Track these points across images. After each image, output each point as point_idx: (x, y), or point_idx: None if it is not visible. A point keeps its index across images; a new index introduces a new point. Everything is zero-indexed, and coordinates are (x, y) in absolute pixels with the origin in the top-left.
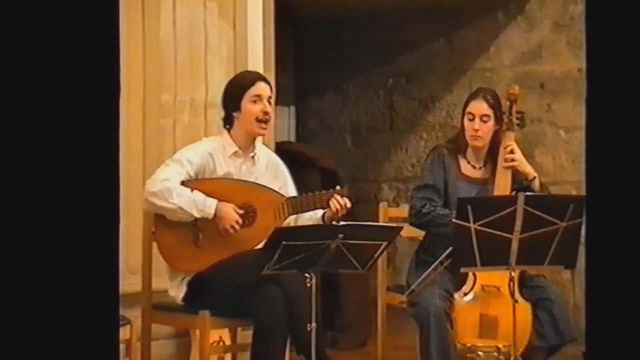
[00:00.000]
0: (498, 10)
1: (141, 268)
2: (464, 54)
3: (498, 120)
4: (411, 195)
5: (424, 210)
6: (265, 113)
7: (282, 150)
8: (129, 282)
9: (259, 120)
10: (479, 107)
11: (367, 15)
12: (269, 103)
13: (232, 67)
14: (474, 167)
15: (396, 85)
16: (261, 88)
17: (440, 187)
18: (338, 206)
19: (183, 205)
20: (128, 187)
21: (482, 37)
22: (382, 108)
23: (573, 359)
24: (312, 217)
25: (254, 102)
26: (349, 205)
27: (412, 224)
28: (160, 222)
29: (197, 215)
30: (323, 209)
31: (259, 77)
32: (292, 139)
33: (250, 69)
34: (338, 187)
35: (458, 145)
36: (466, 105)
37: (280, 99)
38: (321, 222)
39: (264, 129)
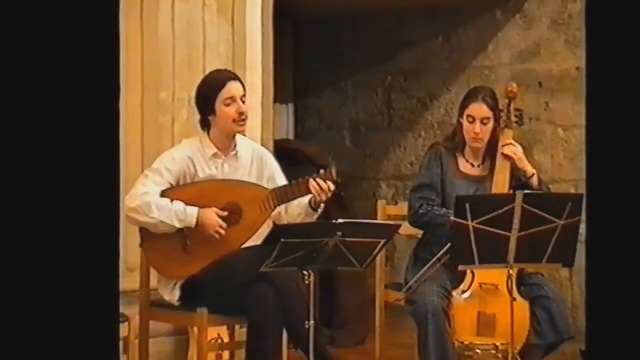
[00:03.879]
0: (496, 8)
1: (139, 266)
2: (463, 52)
3: (497, 119)
4: (409, 195)
5: (421, 211)
6: (241, 113)
7: (280, 148)
8: (127, 279)
9: (235, 121)
10: (480, 110)
11: (365, 13)
12: (243, 102)
13: (231, 64)
14: (472, 164)
15: (395, 83)
16: (232, 89)
17: (437, 185)
18: (318, 188)
19: (163, 218)
20: (126, 184)
21: (481, 36)
22: (380, 106)
23: (571, 356)
24: (300, 202)
25: (228, 104)
26: (331, 187)
27: (410, 224)
28: (147, 234)
29: (178, 225)
30: (308, 194)
31: (229, 77)
32: (291, 136)
33: (248, 67)
34: (322, 171)
35: (455, 143)
36: (465, 107)
37: (279, 97)
38: (308, 208)
39: (242, 125)
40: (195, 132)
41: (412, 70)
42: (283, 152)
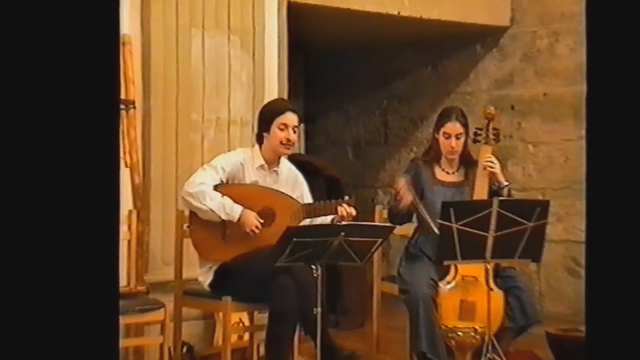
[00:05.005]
0: (476, 43)
1: (174, 260)
2: (448, 80)
3: (467, 134)
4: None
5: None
6: (288, 140)
7: (293, 161)
8: (163, 272)
9: (282, 144)
10: (454, 127)
11: (365, 47)
12: (294, 131)
13: (252, 91)
14: (447, 173)
15: (390, 106)
16: (288, 118)
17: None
18: (345, 213)
19: (213, 208)
20: (163, 192)
21: (463, 66)
22: (378, 125)
23: (538, 338)
24: (323, 220)
25: (281, 129)
26: (354, 213)
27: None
28: (194, 219)
29: (224, 217)
30: (332, 214)
31: (290, 108)
32: (302, 151)
33: (266, 92)
34: (347, 197)
35: (432, 156)
36: (442, 125)
37: None
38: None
39: (288, 150)
40: (221, 149)
41: (405, 95)
42: (295, 165)
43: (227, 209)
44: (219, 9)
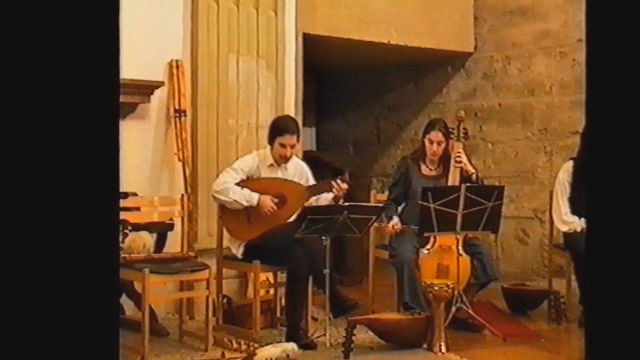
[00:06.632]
0: (448, 65)
1: (216, 232)
2: (426, 93)
3: (447, 140)
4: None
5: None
6: (285, 156)
7: (307, 156)
8: (208, 241)
9: (280, 156)
10: (436, 136)
11: (363, 68)
12: (292, 147)
13: (275, 102)
14: (430, 169)
15: (382, 113)
16: (286, 139)
17: (400, 194)
18: (338, 187)
19: (236, 198)
20: (208, 180)
21: (438, 82)
22: (372, 128)
23: (495, 291)
24: (327, 198)
25: (280, 145)
26: (345, 187)
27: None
28: (225, 209)
29: (245, 204)
30: (330, 191)
31: (289, 130)
32: (314, 148)
33: (286, 105)
34: (340, 177)
35: (419, 155)
36: (428, 133)
37: (306, 122)
38: (332, 201)
39: (284, 162)
40: (251, 147)
41: (393, 105)
42: (309, 159)
43: (247, 197)
44: (250, 39)
